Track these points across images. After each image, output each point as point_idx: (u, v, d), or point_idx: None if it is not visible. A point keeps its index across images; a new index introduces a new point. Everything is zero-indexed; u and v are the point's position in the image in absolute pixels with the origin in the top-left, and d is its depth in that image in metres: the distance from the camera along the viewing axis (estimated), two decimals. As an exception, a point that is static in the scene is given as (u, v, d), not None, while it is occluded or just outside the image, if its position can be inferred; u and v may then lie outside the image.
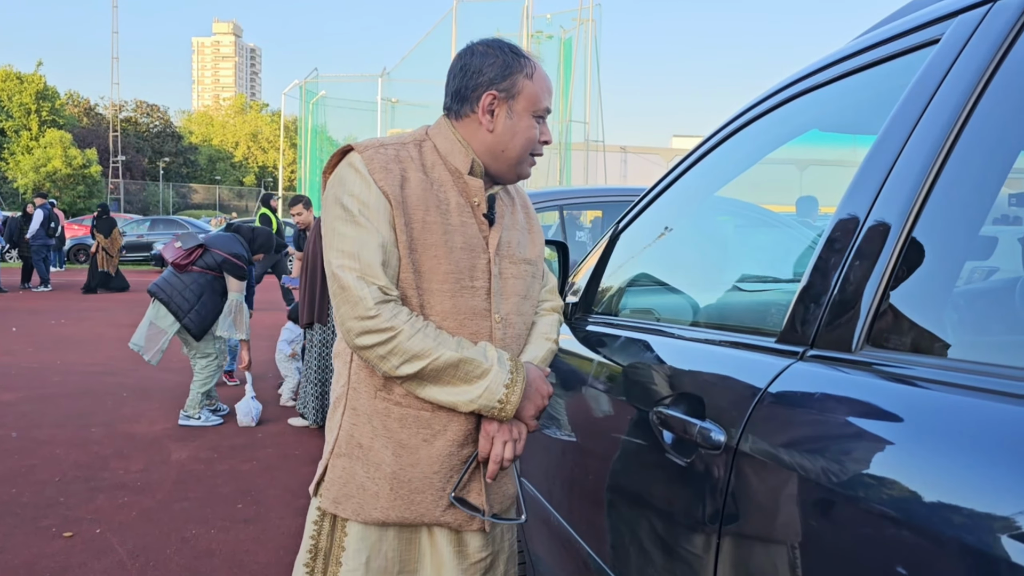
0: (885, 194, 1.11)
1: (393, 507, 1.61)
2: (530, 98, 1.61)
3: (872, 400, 0.98)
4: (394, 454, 1.60)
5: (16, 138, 45.40)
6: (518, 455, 1.62)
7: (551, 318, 1.79)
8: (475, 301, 1.60)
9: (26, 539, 3.59)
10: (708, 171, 1.82)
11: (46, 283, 16.05)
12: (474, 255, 1.61)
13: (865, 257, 1.09)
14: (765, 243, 2.38)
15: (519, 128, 1.61)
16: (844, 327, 1.09)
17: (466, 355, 1.53)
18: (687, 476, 1.26)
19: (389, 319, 1.49)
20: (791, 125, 1.65)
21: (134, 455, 4.91)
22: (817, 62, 1.52)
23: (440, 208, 1.58)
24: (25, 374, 7.34)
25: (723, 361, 1.33)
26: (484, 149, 1.63)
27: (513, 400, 1.55)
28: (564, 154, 25.18)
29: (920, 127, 1.10)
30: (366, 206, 1.53)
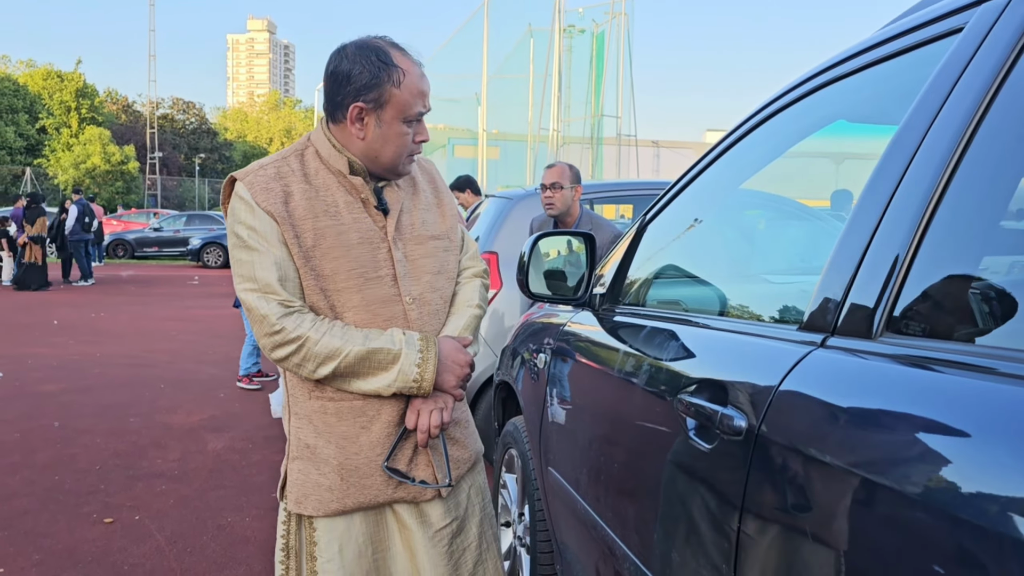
0: (907, 182, 1.11)
1: (348, 495, 1.70)
2: (398, 107, 1.64)
3: (891, 386, 0.99)
4: (337, 447, 1.70)
5: (57, 135, 46.25)
6: (446, 423, 1.72)
7: (472, 284, 1.87)
8: (382, 290, 1.69)
9: (68, 524, 3.69)
10: (734, 163, 1.83)
11: (87, 277, 16.38)
12: (373, 247, 1.68)
13: (886, 244, 1.10)
14: (791, 235, 2.38)
15: (389, 135, 1.66)
16: (864, 314, 1.10)
17: (373, 345, 1.63)
18: (709, 462, 1.28)
19: (294, 329, 1.60)
20: (817, 116, 1.66)
21: (171, 445, 5.01)
22: (843, 52, 1.52)
23: (329, 212, 1.66)
24: (66, 366, 7.51)
25: (745, 349, 1.34)
26: (359, 154, 1.69)
27: (428, 376, 1.66)
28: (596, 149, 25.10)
29: (942, 116, 1.11)
30: (254, 230, 1.62)
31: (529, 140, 24.88)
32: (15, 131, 45.70)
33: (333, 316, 1.67)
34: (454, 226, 1.87)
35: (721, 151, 1.81)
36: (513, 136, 26.09)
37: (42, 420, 5.53)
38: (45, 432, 5.24)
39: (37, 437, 5.11)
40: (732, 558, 1.19)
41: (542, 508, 2.41)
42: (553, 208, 3.99)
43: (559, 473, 2.14)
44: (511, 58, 25.96)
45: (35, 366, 7.45)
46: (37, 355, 8.04)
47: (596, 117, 25.05)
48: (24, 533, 3.58)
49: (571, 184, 3.98)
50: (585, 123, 25.43)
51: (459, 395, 1.76)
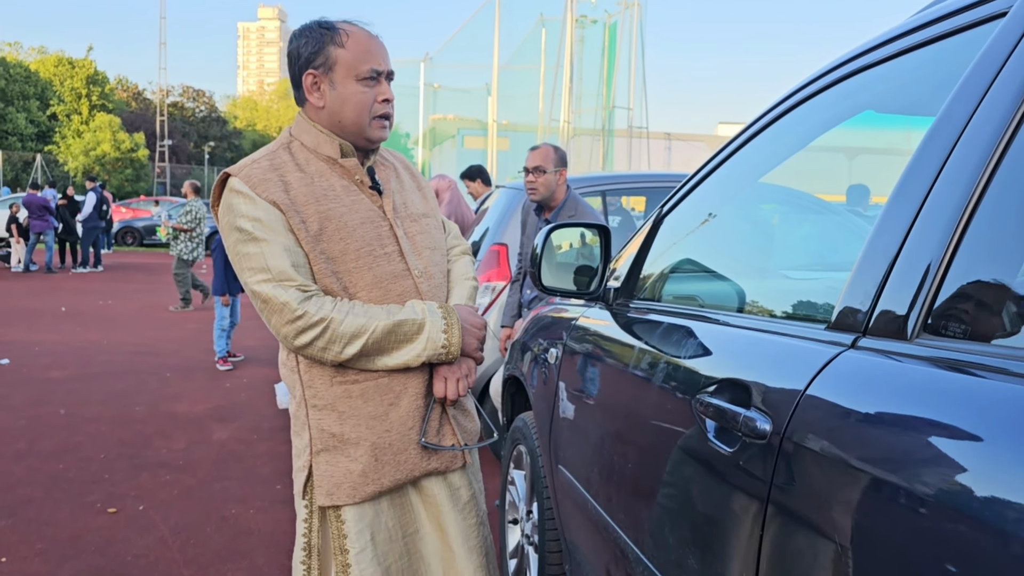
0: (945, 176, 1.05)
1: (384, 474, 1.72)
2: (346, 65, 1.67)
3: (929, 391, 0.93)
4: (368, 428, 1.71)
5: (67, 122, 46.32)
6: (471, 385, 1.80)
7: (464, 260, 1.97)
8: (392, 265, 1.72)
9: (72, 513, 3.67)
10: (754, 156, 1.77)
11: (97, 264, 16.40)
12: (375, 225, 1.72)
13: (923, 241, 1.04)
14: (812, 231, 2.31)
15: (346, 95, 1.68)
16: (899, 314, 1.04)
17: (398, 318, 1.66)
18: (730, 466, 1.22)
19: (316, 312, 1.59)
20: (844, 107, 1.59)
21: (176, 434, 4.98)
22: (873, 39, 1.46)
23: (328, 196, 1.68)
24: (73, 353, 7.50)
25: (770, 348, 1.28)
26: (328, 125, 1.71)
27: (455, 341, 1.72)
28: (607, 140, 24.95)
29: (984, 107, 1.04)
30: (259, 221, 1.61)
31: (539, 131, 24.78)
32: (26, 117, 45.80)
33: (346, 297, 1.68)
34: (434, 206, 1.94)
35: (742, 143, 1.74)
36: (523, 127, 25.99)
37: (48, 407, 5.51)
38: (51, 419, 5.21)
39: (43, 424, 5.09)
40: (753, 568, 1.13)
41: (551, 506, 2.35)
42: (536, 193, 3.72)
43: (569, 471, 2.08)
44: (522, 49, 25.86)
45: (42, 352, 7.44)
46: (45, 342, 8.03)
47: (607, 109, 24.92)
48: (28, 521, 3.55)
49: (555, 168, 3.70)
50: (596, 115, 25.31)
51: (480, 358, 1.83)
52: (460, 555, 1.81)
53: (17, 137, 45.18)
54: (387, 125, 1.74)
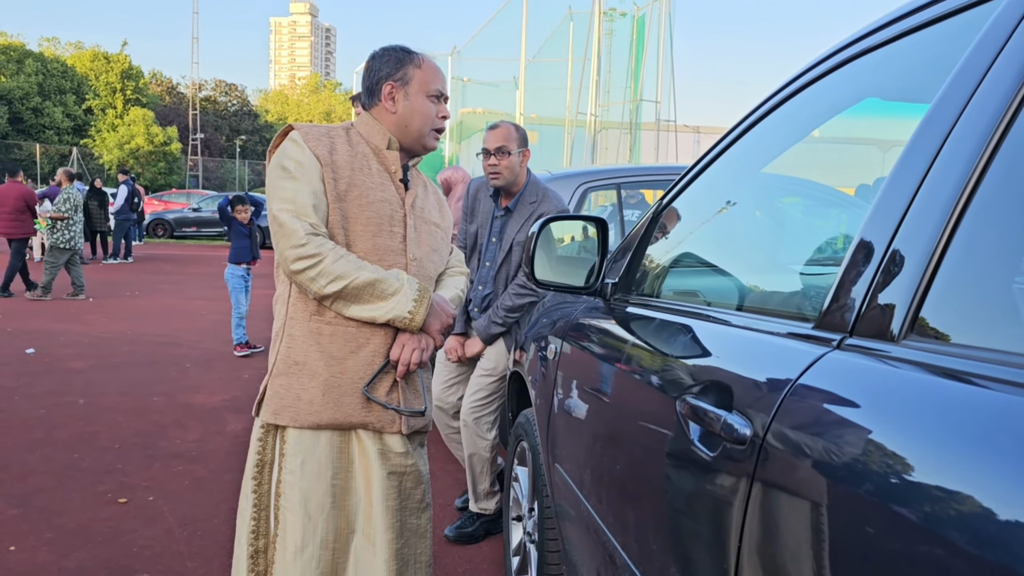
0: (939, 166, 0.98)
1: (325, 410, 1.93)
2: (421, 82, 2.01)
3: (913, 396, 0.86)
4: (326, 364, 1.94)
5: (102, 116, 46.96)
6: (424, 362, 2.00)
7: (459, 277, 2.23)
8: (392, 242, 1.99)
9: (83, 503, 3.68)
10: (754, 146, 1.69)
11: (127, 255, 16.59)
12: (392, 207, 2.00)
13: (913, 237, 0.97)
14: (816, 222, 2.23)
15: (416, 106, 2.01)
16: (886, 314, 0.97)
17: (380, 275, 1.90)
18: (711, 471, 1.16)
19: (317, 247, 1.85)
20: (844, 93, 1.51)
21: (191, 425, 5.00)
22: (877, 20, 1.38)
23: (363, 171, 1.98)
24: (96, 343, 7.57)
25: (753, 348, 1.22)
26: (393, 127, 2.03)
27: (421, 312, 1.94)
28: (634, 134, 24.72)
29: (980, 92, 0.97)
30: (301, 165, 1.90)
31: (567, 125, 24.63)
32: (63, 112, 46.56)
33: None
34: (449, 227, 2.22)
35: (740, 132, 1.67)
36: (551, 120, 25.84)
37: (68, 396, 5.56)
38: (69, 409, 5.26)
39: (61, 413, 5.13)
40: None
41: (550, 505, 2.30)
42: (499, 178, 3.27)
43: (565, 470, 2.03)
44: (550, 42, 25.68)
45: (66, 343, 7.52)
46: (69, 332, 8.12)
47: (635, 102, 24.69)
48: (39, 510, 3.57)
49: (519, 148, 3.27)
50: (624, 108, 25.07)
51: (439, 341, 2.04)
52: (377, 512, 1.98)
53: (54, 131, 45.95)
54: (439, 138, 2.07)
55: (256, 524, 1.99)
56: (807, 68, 1.52)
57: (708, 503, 1.18)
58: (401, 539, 2.02)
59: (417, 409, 2.02)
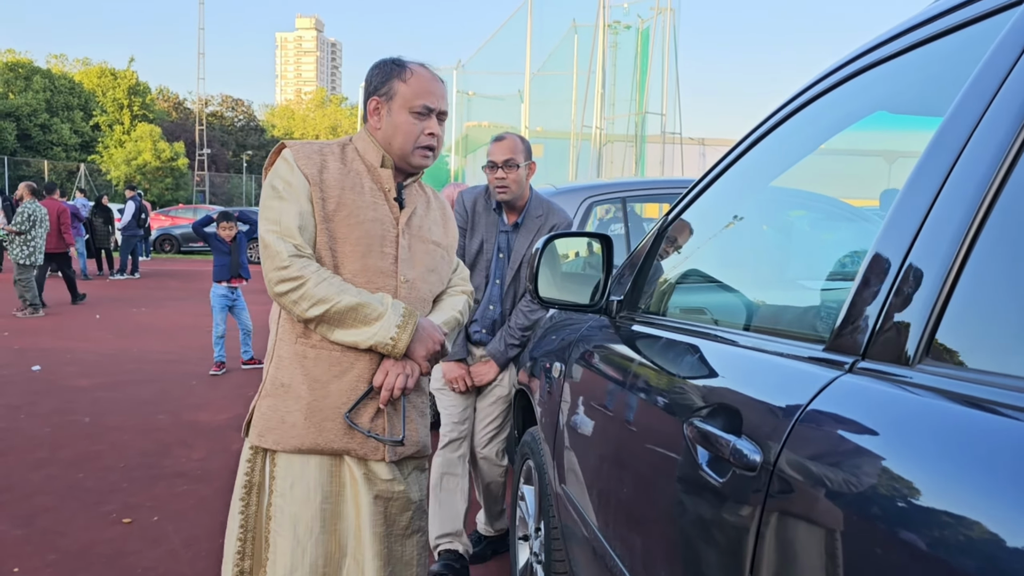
0: (953, 181, 0.95)
1: (307, 434, 1.89)
2: (403, 98, 1.93)
3: (929, 424, 0.83)
4: (309, 388, 1.90)
5: (110, 132, 47.23)
6: (409, 388, 1.94)
7: (460, 297, 2.14)
8: (383, 263, 1.93)
9: (86, 523, 3.65)
10: (763, 159, 1.66)
11: (134, 271, 16.63)
12: (384, 227, 1.94)
13: (927, 255, 0.94)
14: (827, 237, 2.19)
15: (398, 123, 1.93)
16: (900, 336, 0.93)
17: (363, 300, 1.85)
18: (721, 499, 1.12)
19: (299, 269, 1.81)
20: (854, 107, 1.48)
21: (196, 443, 4.97)
22: (886, 32, 1.35)
23: (355, 189, 1.93)
24: (102, 361, 7.56)
25: (762, 370, 1.18)
26: (381, 144, 1.97)
27: (404, 339, 1.88)
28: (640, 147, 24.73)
29: (995, 105, 0.94)
30: (289, 185, 1.87)
31: (572, 137, 24.66)
32: (70, 128, 46.81)
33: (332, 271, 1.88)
34: (452, 245, 2.16)
35: (748, 146, 1.64)
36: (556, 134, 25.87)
37: (73, 415, 5.54)
38: (74, 428, 5.24)
39: (66, 433, 5.11)
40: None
41: (556, 525, 2.26)
42: (507, 192, 3.09)
43: (571, 492, 1.99)
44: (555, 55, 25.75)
45: (73, 360, 7.52)
46: (76, 349, 8.12)
47: (640, 114, 24.71)
48: (42, 531, 3.54)
49: (526, 161, 3.12)
50: (629, 120, 25.10)
51: (426, 368, 1.96)
52: (365, 537, 1.94)
53: (62, 147, 46.19)
54: (429, 155, 1.97)
55: (242, 545, 1.97)
56: (815, 81, 1.49)
57: (717, 530, 1.14)
58: (388, 567, 1.97)
59: (397, 438, 1.95)
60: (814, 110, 1.50)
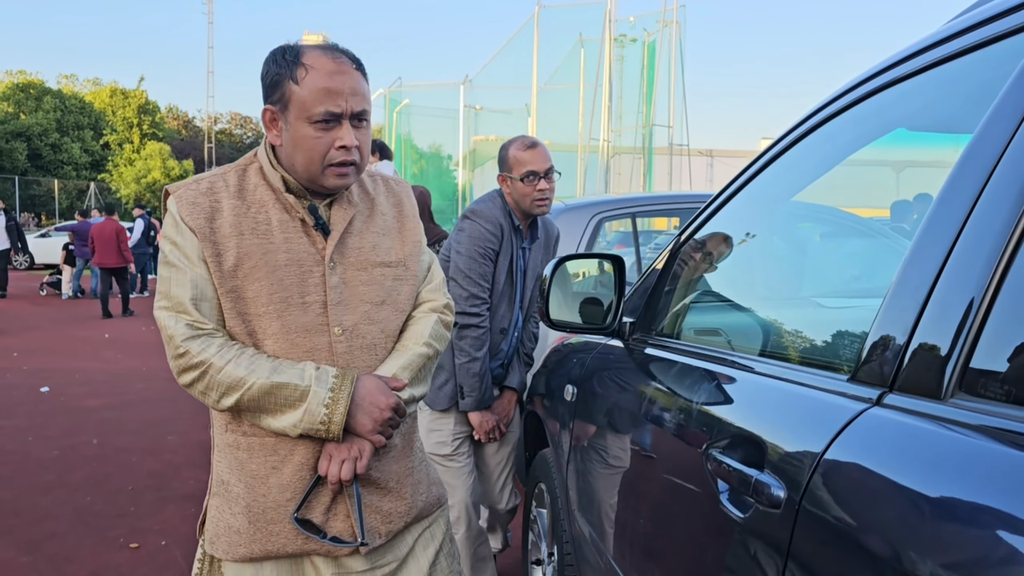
0: (984, 203, 0.91)
1: (255, 541, 1.55)
2: (300, 105, 1.48)
3: (963, 464, 0.78)
4: (247, 486, 1.55)
5: (120, 151, 47.55)
6: (360, 473, 1.54)
7: (426, 320, 1.67)
8: (307, 317, 1.53)
9: (94, 549, 3.61)
10: (780, 176, 1.63)
11: (143, 289, 16.67)
12: (303, 270, 1.54)
13: (960, 279, 0.89)
14: (851, 257, 2.14)
15: (297, 139, 1.50)
16: (932, 367, 0.89)
17: (278, 379, 1.47)
18: (742, 534, 1.08)
19: (198, 353, 1.47)
20: (873, 124, 1.45)
21: (205, 464, 4.93)
22: (904, 50, 1.32)
23: (258, 230, 1.53)
24: (111, 380, 7.55)
25: (786, 401, 1.14)
26: (284, 163, 1.56)
27: (336, 419, 1.48)
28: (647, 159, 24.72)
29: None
30: (176, 246, 1.52)
31: (579, 151, 24.68)
32: (81, 147, 47.14)
33: (251, 343, 1.53)
34: (414, 253, 1.69)
35: (763, 164, 1.61)
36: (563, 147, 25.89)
37: (82, 437, 5.51)
38: (83, 449, 5.21)
39: (75, 455, 5.08)
40: (769, 657, 0.99)
41: (570, 551, 2.21)
42: (547, 205, 2.72)
43: (585, 519, 1.95)
44: (561, 69, 25.82)
45: (81, 380, 7.50)
46: (85, 369, 8.11)
47: (647, 127, 24.72)
48: (49, 558, 3.51)
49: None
50: (636, 133, 25.12)
51: (377, 441, 1.55)
52: None
53: (72, 166, 46.51)
54: (347, 173, 1.54)
55: None
56: (833, 98, 1.45)
57: (739, 567, 1.09)
58: None
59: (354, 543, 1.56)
60: (832, 128, 1.46)
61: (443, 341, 1.69)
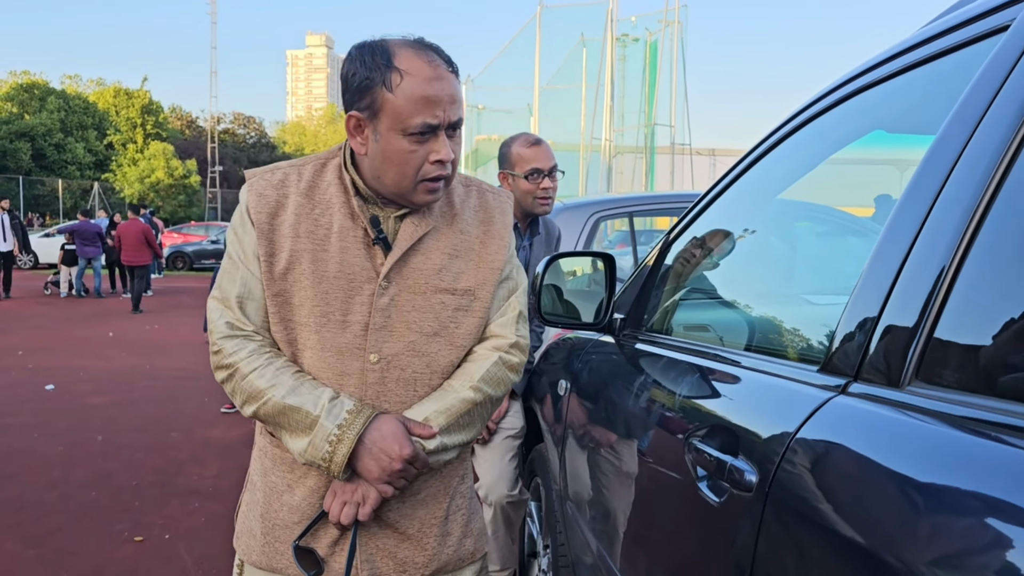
0: (942, 202, 0.96)
1: (264, 552, 1.49)
2: (394, 115, 1.33)
3: (918, 446, 0.84)
4: (264, 495, 1.50)
5: (123, 151, 47.71)
6: (362, 519, 1.42)
7: (485, 361, 1.48)
8: (344, 337, 1.41)
9: (99, 543, 3.68)
10: (764, 175, 1.68)
11: (147, 288, 16.75)
12: (353, 285, 1.41)
13: (917, 275, 0.95)
14: (826, 253, 2.20)
15: (388, 151, 1.36)
16: (891, 357, 0.94)
17: (291, 402, 1.37)
18: (718, 519, 1.13)
19: (229, 355, 1.40)
20: (853, 125, 1.50)
21: (209, 460, 5.00)
22: (880, 54, 1.37)
23: (315, 235, 1.42)
24: (116, 379, 7.62)
25: (760, 391, 1.20)
26: (367, 173, 1.43)
27: (337, 459, 1.36)
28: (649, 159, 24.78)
29: (984, 126, 0.95)
30: (238, 238, 1.46)
31: (581, 150, 24.73)
32: (84, 147, 47.30)
33: (291, 353, 1.44)
34: (488, 281, 1.50)
35: (748, 164, 1.66)
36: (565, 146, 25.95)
37: (86, 434, 5.58)
38: (88, 446, 5.28)
39: (79, 451, 5.15)
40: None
41: (563, 542, 2.27)
42: (550, 204, 2.68)
43: (576, 509, 2.00)
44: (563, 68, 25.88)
45: (86, 378, 7.57)
46: (89, 368, 8.18)
47: (649, 126, 24.77)
48: (55, 551, 3.57)
49: None
50: (638, 132, 25.17)
51: (384, 491, 1.40)
52: None
53: (76, 166, 46.66)
54: (438, 188, 1.41)
55: None
56: (814, 100, 1.50)
57: (715, 550, 1.15)
58: None
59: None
60: (813, 129, 1.51)
61: (500, 386, 1.50)
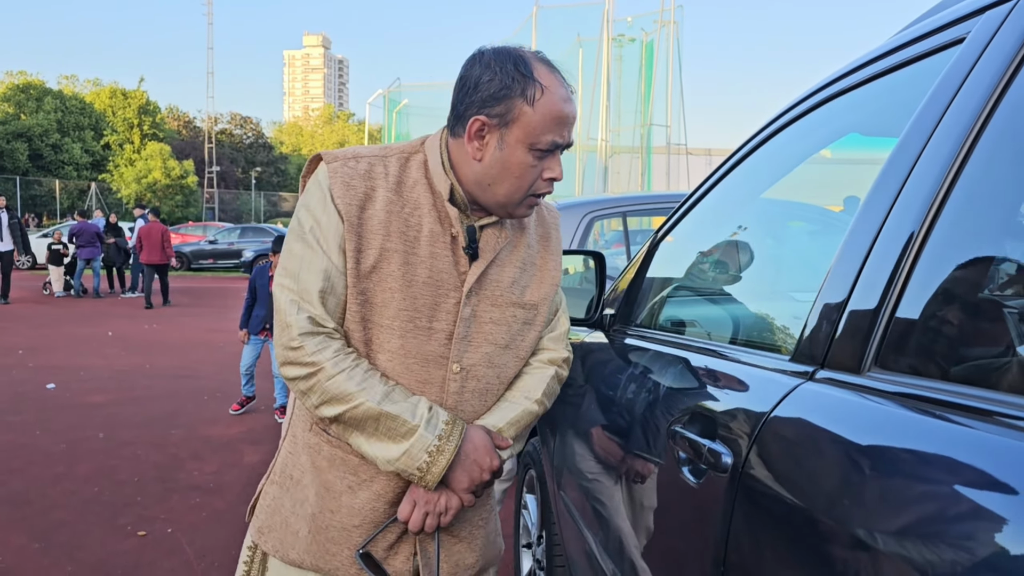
0: (901, 203, 1.04)
1: (309, 552, 1.47)
2: (528, 129, 1.33)
3: (875, 427, 0.91)
4: (317, 494, 1.46)
5: (120, 151, 47.73)
6: (444, 523, 1.44)
7: (542, 373, 1.54)
8: (430, 345, 1.40)
9: (102, 537, 3.75)
10: (748, 175, 1.76)
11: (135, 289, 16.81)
12: (440, 292, 1.40)
13: (878, 270, 1.03)
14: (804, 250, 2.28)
15: (510, 163, 1.35)
16: (854, 346, 1.02)
17: (389, 409, 1.35)
18: (697, 499, 1.21)
19: (312, 353, 1.34)
20: (830, 128, 1.58)
21: (209, 457, 5.07)
22: (854, 61, 1.45)
23: (406, 235, 1.39)
24: (116, 377, 7.68)
25: (735, 379, 1.28)
26: (471, 179, 1.39)
27: (435, 471, 1.36)
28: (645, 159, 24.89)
29: (939, 132, 1.03)
30: (318, 224, 1.37)
31: (577, 150, 24.81)
32: (81, 147, 47.30)
33: (364, 352, 1.40)
34: (548, 297, 1.54)
35: (732, 165, 1.74)
36: (562, 146, 26.04)
37: (88, 431, 5.65)
38: (90, 443, 5.34)
39: (82, 448, 5.22)
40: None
41: (556, 532, 2.35)
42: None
43: (569, 500, 2.08)
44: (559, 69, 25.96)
45: (86, 377, 7.64)
46: (89, 367, 8.24)
47: (645, 126, 24.87)
48: (60, 545, 3.64)
49: None
50: (634, 132, 25.27)
51: (468, 501, 1.44)
52: None
53: (73, 167, 46.67)
54: (537, 204, 1.44)
55: None
56: (793, 104, 1.58)
57: (694, 530, 1.22)
58: None
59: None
60: (795, 131, 1.59)
61: (553, 399, 1.57)
